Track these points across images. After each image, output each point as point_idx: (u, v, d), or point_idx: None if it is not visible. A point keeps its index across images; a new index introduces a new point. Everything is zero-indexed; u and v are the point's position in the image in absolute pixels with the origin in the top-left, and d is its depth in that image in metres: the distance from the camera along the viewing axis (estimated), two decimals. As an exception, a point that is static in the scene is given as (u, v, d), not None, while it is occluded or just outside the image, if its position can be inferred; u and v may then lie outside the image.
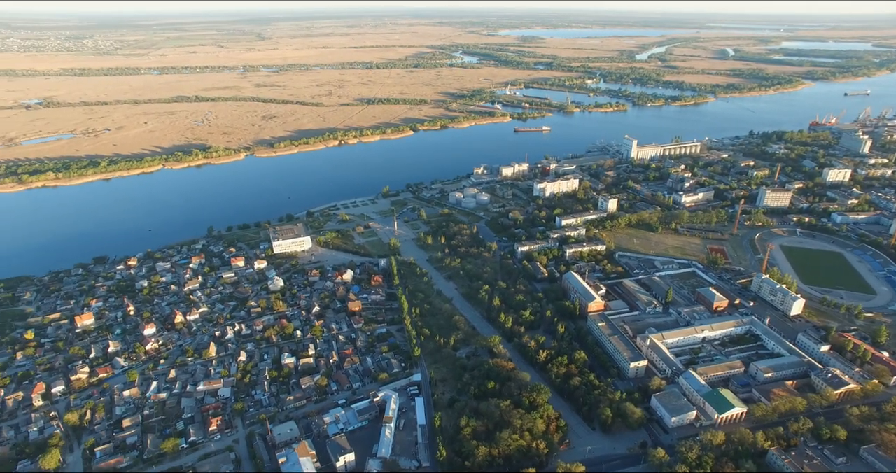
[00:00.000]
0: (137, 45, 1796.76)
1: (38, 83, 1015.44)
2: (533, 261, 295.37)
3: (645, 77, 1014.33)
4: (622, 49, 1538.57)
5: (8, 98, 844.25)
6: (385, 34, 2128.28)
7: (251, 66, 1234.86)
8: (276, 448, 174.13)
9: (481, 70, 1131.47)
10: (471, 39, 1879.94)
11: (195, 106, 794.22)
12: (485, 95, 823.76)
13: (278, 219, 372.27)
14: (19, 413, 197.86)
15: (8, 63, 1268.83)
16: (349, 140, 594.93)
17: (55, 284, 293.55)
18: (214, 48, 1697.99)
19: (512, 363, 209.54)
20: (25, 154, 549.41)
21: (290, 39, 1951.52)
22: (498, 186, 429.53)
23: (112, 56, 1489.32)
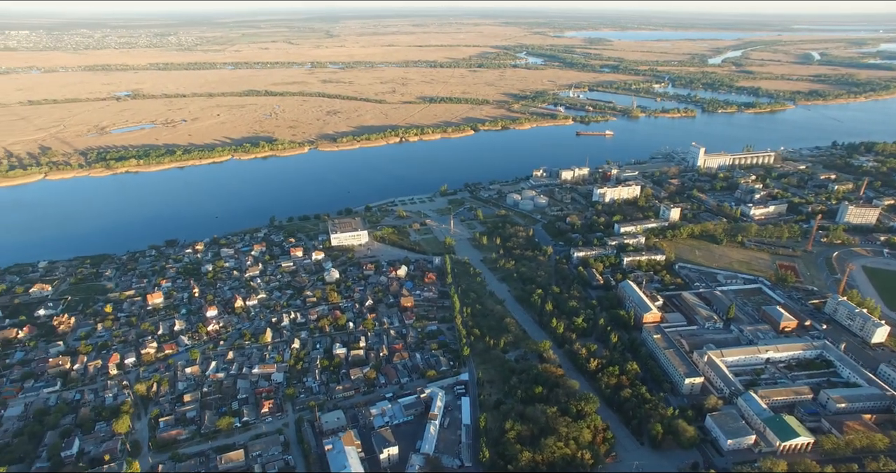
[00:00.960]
0: (215, 41, 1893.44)
1: (128, 77, 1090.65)
2: (588, 268, 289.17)
3: (717, 82, 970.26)
4: (694, 52, 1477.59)
5: (103, 90, 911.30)
6: (450, 33, 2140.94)
7: (319, 63, 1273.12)
8: (323, 435, 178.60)
9: (545, 71, 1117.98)
10: (536, 40, 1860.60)
11: (264, 100, 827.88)
12: (547, 97, 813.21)
13: (337, 213, 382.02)
14: (98, 379, 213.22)
15: (105, 59, 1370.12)
16: (410, 137, 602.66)
17: (132, 263, 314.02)
18: (285, 45, 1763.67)
19: (561, 369, 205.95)
20: (113, 141, 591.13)
21: (357, 37, 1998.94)
22: (556, 190, 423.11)
23: (192, 51, 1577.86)
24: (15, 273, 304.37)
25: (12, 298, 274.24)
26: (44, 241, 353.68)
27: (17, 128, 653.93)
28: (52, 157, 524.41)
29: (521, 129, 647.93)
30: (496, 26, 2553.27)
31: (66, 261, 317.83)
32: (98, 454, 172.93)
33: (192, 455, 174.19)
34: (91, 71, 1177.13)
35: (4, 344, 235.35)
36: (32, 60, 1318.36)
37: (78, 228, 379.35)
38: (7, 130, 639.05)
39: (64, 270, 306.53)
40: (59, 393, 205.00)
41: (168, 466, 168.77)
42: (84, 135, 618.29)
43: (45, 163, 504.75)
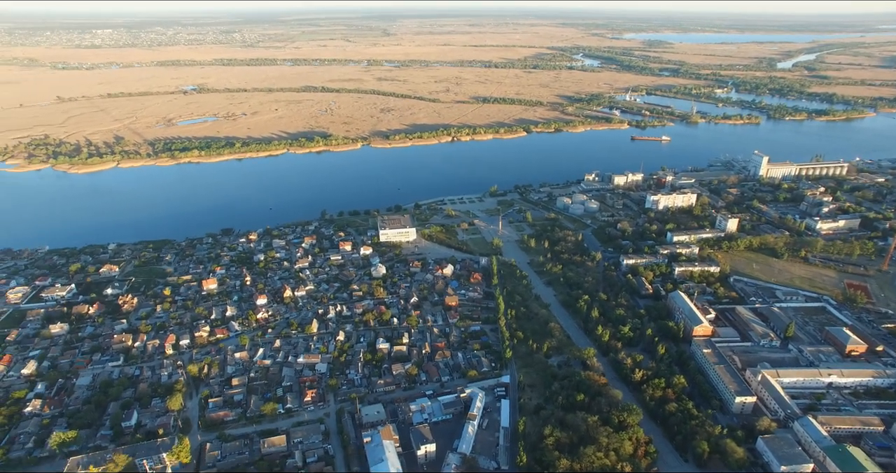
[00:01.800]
0: (276, 38, 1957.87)
1: (195, 71, 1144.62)
2: (638, 276, 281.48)
3: (785, 87, 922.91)
4: (761, 56, 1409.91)
5: (171, 84, 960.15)
6: (506, 34, 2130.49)
7: (374, 61, 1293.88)
8: (363, 428, 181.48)
9: (601, 74, 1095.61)
10: (593, 42, 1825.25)
11: (321, 96, 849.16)
12: (603, 100, 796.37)
13: (387, 209, 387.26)
14: (155, 357, 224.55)
15: (175, 54, 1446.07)
16: (462, 137, 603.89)
17: (190, 249, 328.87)
18: (343, 42, 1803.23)
19: (605, 378, 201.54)
20: (179, 133, 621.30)
21: (413, 36, 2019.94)
22: (608, 195, 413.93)
23: (254, 48, 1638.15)
24: (88, 253, 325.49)
25: (85, 276, 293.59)
26: (114, 225, 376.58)
27: (96, 118, 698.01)
28: (124, 147, 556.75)
29: (574, 132, 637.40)
30: (553, 27, 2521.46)
31: (131, 245, 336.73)
32: (153, 427, 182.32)
33: (238, 436, 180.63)
34: (162, 66, 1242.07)
35: (77, 319, 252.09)
36: (113, 56, 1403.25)
37: (144, 214, 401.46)
38: (88, 121, 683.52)
39: (129, 253, 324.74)
40: (122, 368, 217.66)
41: (215, 445, 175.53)
42: (153, 127, 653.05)
43: (119, 152, 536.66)
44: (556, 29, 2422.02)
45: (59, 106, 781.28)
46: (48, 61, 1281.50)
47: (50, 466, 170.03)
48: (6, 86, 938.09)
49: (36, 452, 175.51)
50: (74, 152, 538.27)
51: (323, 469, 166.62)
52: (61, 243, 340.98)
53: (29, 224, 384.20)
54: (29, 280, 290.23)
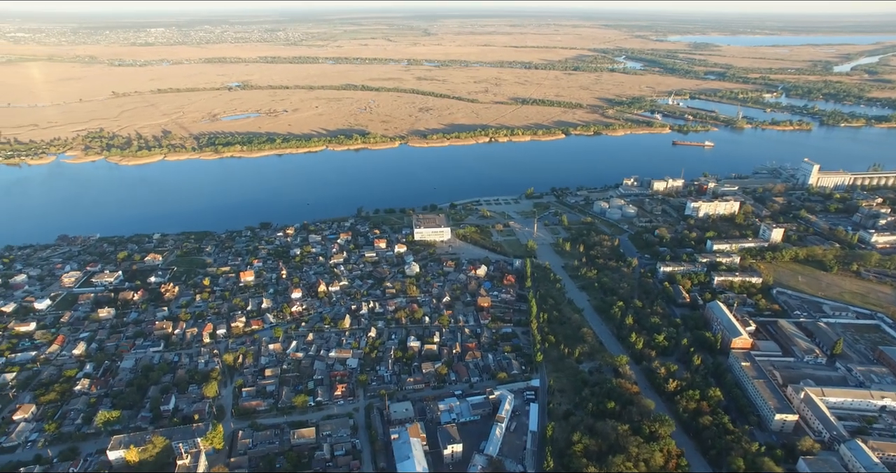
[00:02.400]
0: (319, 36, 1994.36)
1: (239, 68, 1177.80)
2: (675, 284, 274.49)
3: (842, 92, 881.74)
4: (816, 59, 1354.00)
5: (217, 81, 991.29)
6: (547, 35, 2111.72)
7: (414, 60, 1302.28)
8: (391, 424, 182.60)
9: (644, 77, 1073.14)
10: (636, 44, 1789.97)
11: (360, 94, 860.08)
12: (644, 104, 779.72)
13: (422, 208, 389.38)
14: (193, 345, 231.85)
15: (222, 52, 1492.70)
16: (500, 138, 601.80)
17: (229, 242, 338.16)
18: (384, 41, 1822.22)
19: (637, 387, 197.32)
20: (222, 128, 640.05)
21: (453, 36, 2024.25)
22: (647, 200, 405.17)
23: (297, 46, 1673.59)
24: (135, 242, 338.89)
25: (131, 264, 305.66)
26: (159, 215, 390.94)
27: (146, 113, 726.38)
28: (171, 140, 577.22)
29: (613, 136, 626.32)
30: (595, 29, 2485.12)
31: (174, 235, 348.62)
32: (189, 412, 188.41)
33: (269, 426, 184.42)
34: (209, 63, 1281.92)
35: (123, 305, 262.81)
36: (164, 54, 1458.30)
37: (187, 205, 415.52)
38: (139, 115, 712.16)
39: (172, 243, 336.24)
40: (162, 354, 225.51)
41: (247, 433, 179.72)
42: (198, 122, 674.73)
43: (166, 146, 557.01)
44: (599, 30, 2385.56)
45: (114, 101, 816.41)
46: (106, 58, 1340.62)
47: (95, 442, 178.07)
48: (69, 82, 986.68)
49: (84, 428, 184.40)
50: (126, 145, 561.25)
51: (350, 462, 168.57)
52: (111, 231, 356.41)
53: (83, 212, 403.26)
54: (81, 265, 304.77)
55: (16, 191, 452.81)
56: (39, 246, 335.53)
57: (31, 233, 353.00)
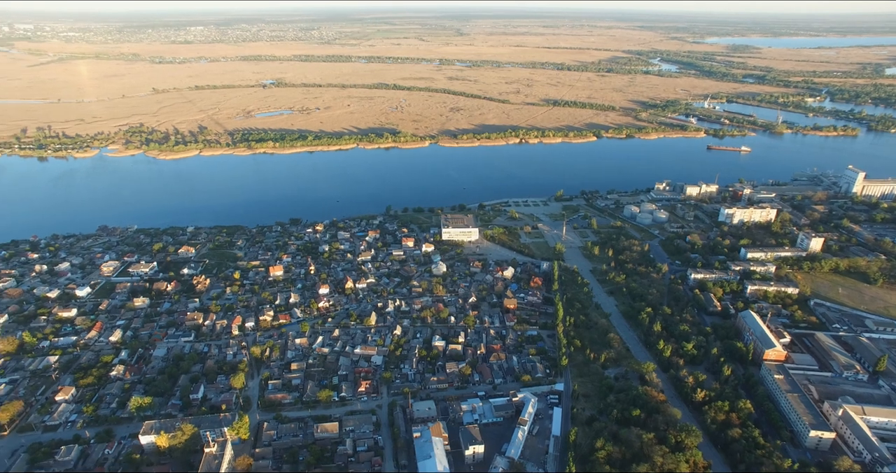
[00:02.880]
0: (352, 35, 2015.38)
1: (274, 66, 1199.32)
2: (706, 291, 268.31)
3: (893, 96, 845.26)
4: (865, 61, 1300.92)
5: (252, 78, 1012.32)
6: (581, 36, 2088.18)
7: (446, 60, 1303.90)
8: (413, 423, 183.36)
9: (679, 80, 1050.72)
10: (672, 46, 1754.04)
11: (392, 93, 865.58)
12: (679, 107, 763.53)
13: (451, 208, 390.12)
14: (222, 336, 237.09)
15: (257, 50, 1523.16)
16: (530, 139, 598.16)
17: (259, 236, 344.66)
18: (416, 41, 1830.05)
19: (663, 395, 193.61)
20: (256, 124, 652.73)
21: (486, 36, 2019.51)
22: (679, 205, 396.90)
23: (331, 45, 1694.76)
24: (170, 234, 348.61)
25: (166, 256, 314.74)
26: (193, 208, 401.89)
27: (184, 109, 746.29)
28: (206, 136, 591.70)
29: (646, 139, 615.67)
30: (630, 30, 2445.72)
31: (207, 228, 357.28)
32: (217, 402, 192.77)
33: (293, 419, 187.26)
34: (245, 61, 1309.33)
35: (157, 295, 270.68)
36: (202, 51, 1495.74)
37: (220, 200, 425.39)
38: (177, 111, 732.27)
39: (205, 236, 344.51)
40: (193, 344, 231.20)
41: (272, 425, 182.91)
42: (233, 118, 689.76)
43: (201, 141, 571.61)
44: (634, 32, 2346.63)
45: (154, 97, 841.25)
46: (148, 56, 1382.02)
47: (128, 426, 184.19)
48: (113, 78, 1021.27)
49: (118, 412, 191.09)
50: (164, 140, 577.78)
51: (372, 459, 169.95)
52: (147, 223, 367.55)
53: (123, 204, 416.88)
54: (119, 255, 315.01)
55: (63, 183, 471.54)
56: (82, 235, 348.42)
57: (74, 222, 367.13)
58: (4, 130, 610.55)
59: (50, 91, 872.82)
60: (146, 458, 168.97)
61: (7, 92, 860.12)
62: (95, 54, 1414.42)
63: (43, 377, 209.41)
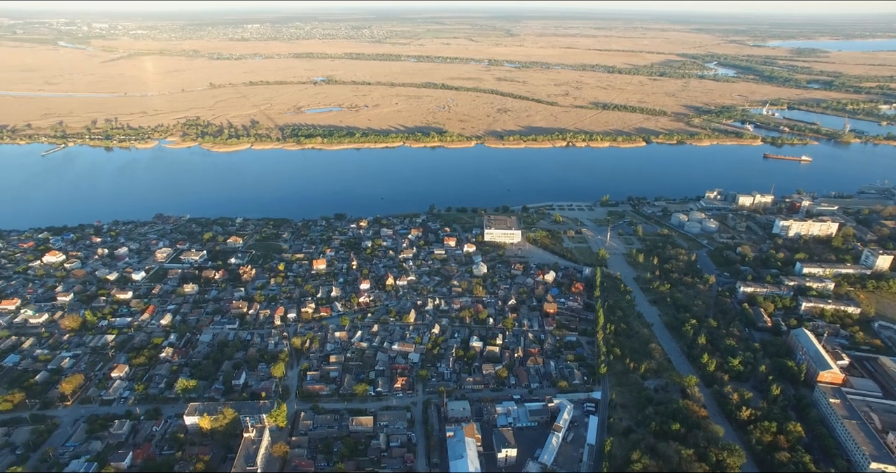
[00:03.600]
0: (402, 35, 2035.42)
1: (325, 64, 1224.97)
2: (755, 306, 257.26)
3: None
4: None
5: (304, 75, 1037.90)
6: (634, 38, 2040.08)
7: (495, 61, 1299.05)
8: (447, 422, 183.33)
9: (736, 85, 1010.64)
10: (730, 49, 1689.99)
11: (440, 92, 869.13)
12: (734, 113, 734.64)
13: (494, 209, 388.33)
14: (265, 326, 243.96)
15: (310, 47, 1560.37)
16: (577, 142, 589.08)
17: (305, 230, 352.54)
18: (466, 41, 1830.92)
19: (705, 410, 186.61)
20: (306, 120, 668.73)
21: (536, 37, 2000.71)
22: (730, 215, 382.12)
23: (381, 44, 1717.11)
24: (220, 224, 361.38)
25: (215, 245, 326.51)
26: (242, 200, 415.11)
27: (238, 104, 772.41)
28: (258, 130, 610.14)
29: (698, 146, 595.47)
30: (686, 33, 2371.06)
31: (255, 220, 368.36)
32: (257, 389, 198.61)
33: (329, 410, 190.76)
34: (298, 58, 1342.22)
35: (205, 282, 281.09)
36: (257, 48, 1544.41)
37: (268, 192, 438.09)
38: (231, 106, 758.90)
39: (252, 228, 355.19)
40: (237, 331, 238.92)
41: (308, 415, 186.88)
42: (284, 113, 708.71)
43: (253, 135, 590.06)
44: (690, 35, 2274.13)
45: (211, 91, 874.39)
46: (207, 52, 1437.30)
47: (174, 406, 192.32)
48: (174, 74, 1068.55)
49: (166, 392, 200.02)
50: (218, 133, 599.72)
51: (405, 455, 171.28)
52: (199, 213, 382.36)
53: (177, 193, 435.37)
54: (172, 243, 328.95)
55: (125, 172, 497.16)
56: (140, 222, 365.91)
57: (134, 209, 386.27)
58: (78, 122, 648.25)
59: (118, 85, 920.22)
60: (189, 438, 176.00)
61: (81, 86, 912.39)
62: (160, 51, 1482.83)
63: (101, 354, 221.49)
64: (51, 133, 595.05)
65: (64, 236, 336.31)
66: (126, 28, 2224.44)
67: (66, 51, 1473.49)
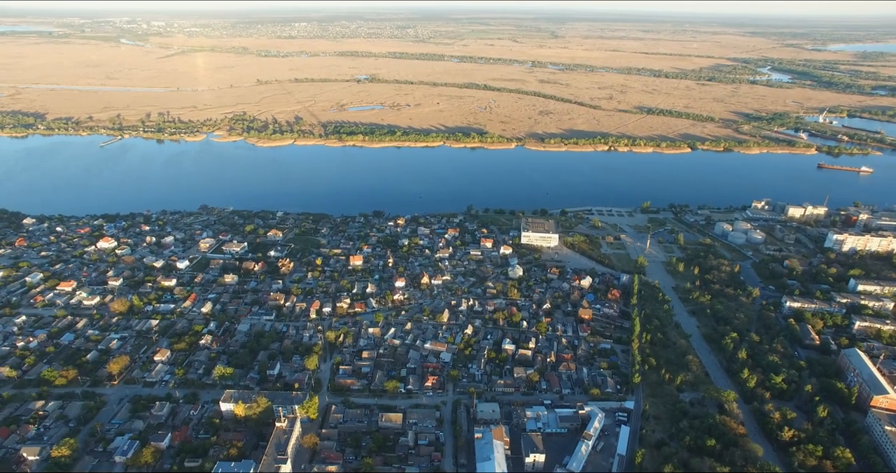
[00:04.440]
0: (446, 35, 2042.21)
1: (369, 62, 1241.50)
2: (802, 322, 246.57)
3: None
4: None
5: (348, 73, 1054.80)
6: (682, 42, 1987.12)
7: (539, 63, 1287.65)
8: (476, 423, 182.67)
9: (791, 91, 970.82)
10: (786, 53, 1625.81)
11: (482, 93, 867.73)
12: (788, 121, 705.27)
13: (532, 212, 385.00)
14: (301, 318, 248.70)
15: (355, 46, 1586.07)
16: (619, 147, 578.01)
17: (343, 226, 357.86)
18: (509, 42, 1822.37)
19: (743, 428, 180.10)
20: (348, 118, 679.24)
21: (581, 39, 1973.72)
22: (778, 227, 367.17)
23: (425, 43, 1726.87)
24: (261, 217, 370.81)
25: (255, 238, 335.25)
26: (284, 194, 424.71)
27: (283, 100, 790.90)
28: (301, 126, 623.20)
29: (746, 154, 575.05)
30: (738, 36, 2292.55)
31: (295, 214, 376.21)
32: (291, 380, 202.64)
33: (360, 405, 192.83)
34: (343, 56, 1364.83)
35: (245, 273, 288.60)
36: (304, 46, 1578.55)
37: (309, 187, 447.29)
38: (277, 102, 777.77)
39: (292, 222, 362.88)
40: (273, 323, 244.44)
41: (339, 409, 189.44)
42: (327, 110, 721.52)
43: (296, 131, 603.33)
44: (742, 38, 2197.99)
45: (258, 87, 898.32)
46: (255, 50, 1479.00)
47: (211, 392, 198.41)
48: (224, 70, 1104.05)
49: (204, 378, 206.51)
50: (263, 128, 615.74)
51: (432, 453, 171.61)
52: (242, 205, 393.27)
53: (222, 185, 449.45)
54: (215, 234, 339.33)
55: (174, 164, 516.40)
56: (185, 212, 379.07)
57: (180, 200, 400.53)
58: (133, 115, 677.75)
59: (171, 80, 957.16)
60: (224, 424, 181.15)
61: (138, 81, 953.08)
62: (211, 47, 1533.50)
63: (145, 337, 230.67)
64: (109, 125, 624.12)
65: (116, 223, 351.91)
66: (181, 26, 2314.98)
67: (126, 48, 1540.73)
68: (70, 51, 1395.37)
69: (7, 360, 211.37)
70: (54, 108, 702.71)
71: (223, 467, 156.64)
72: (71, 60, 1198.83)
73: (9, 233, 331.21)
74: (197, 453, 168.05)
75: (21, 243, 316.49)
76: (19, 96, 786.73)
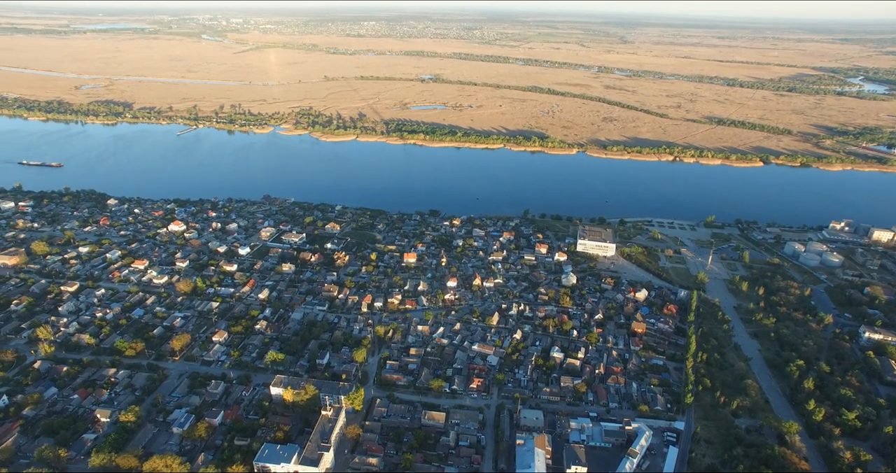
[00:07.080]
0: (513, 37, 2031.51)
1: (434, 62, 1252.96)
2: (883, 356, 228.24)
3: None
4: None
5: (413, 72, 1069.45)
6: (761, 49, 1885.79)
7: (605, 68, 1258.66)
8: (518, 429, 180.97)
9: (886, 103, 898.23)
10: (884, 62, 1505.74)
11: (545, 97, 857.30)
12: (880, 136, 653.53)
13: (590, 220, 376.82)
14: (352, 311, 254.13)
15: (420, 46, 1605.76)
16: (685, 158, 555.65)
17: (399, 223, 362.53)
18: (576, 46, 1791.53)
19: (806, 463, 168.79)
20: (410, 116, 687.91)
21: (651, 45, 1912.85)
22: (860, 250, 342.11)
23: (491, 45, 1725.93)
24: (320, 210, 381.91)
25: (314, 229, 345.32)
26: (343, 189, 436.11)
27: (348, 96, 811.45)
28: (364, 123, 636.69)
29: (827, 170, 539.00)
30: (827, 43, 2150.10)
31: (353, 209, 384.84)
32: (339, 371, 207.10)
33: (404, 401, 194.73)
34: (408, 55, 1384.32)
35: (301, 263, 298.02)
36: (371, 45, 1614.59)
37: (368, 183, 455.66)
38: (342, 98, 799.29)
39: (350, 216, 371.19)
40: (325, 313, 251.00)
41: (384, 403, 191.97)
42: (390, 108, 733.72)
43: (359, 127, 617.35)
44: (831, 45, 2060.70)
45: (325, 84, 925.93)
46: (324, 47, 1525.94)
47: (263, 376, 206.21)
48: (294, 65, 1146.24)
49: (257, 361, 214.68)
50: (327, 123, 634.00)
51: (472, 456, 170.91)
52: (303, 197, 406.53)
53: (285, 177, 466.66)
54: (276, 223, 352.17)
55: (242, 154, 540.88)
56: (249, 201, 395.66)
57: (246, 189, 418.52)
58: (209, 106, 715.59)
59: (244, 75, 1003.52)
60: (273, 407, 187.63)
61: (215, 74, 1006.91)
62: (283, 44, 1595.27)
63: (206, 318, 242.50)
64: (186, 115, 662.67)
65: (186, 208, 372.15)
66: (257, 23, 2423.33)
67: (206, 43, 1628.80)
68: (158, 45, 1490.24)
69: (87, 328, 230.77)
70: (140, 99, 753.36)
71: (269, 449, 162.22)
72: (158, 54, 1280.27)
73: (95, 212, 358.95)
74: (246, 433, 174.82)
75: (105, 222, 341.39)
76: (112, 87, 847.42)
